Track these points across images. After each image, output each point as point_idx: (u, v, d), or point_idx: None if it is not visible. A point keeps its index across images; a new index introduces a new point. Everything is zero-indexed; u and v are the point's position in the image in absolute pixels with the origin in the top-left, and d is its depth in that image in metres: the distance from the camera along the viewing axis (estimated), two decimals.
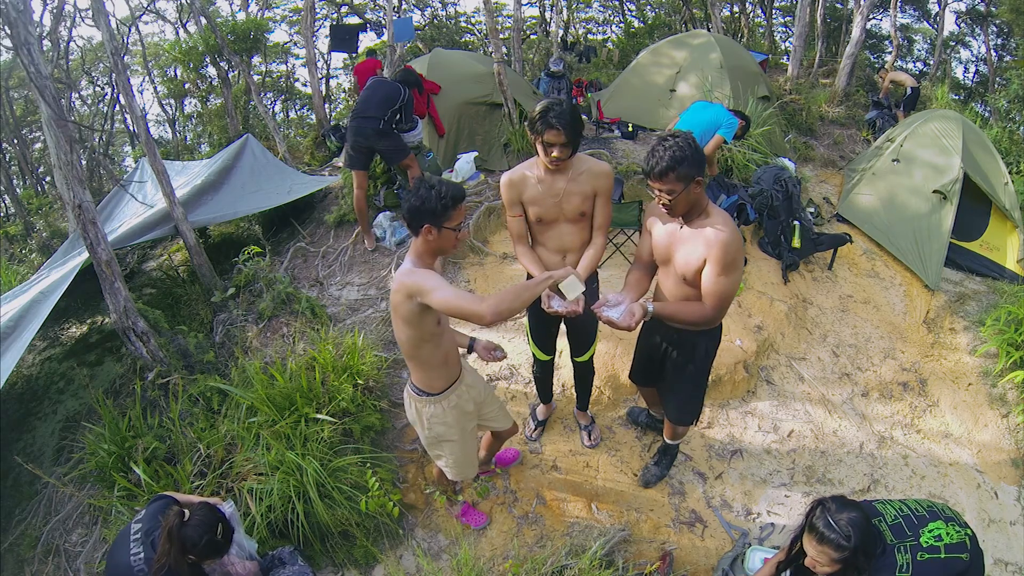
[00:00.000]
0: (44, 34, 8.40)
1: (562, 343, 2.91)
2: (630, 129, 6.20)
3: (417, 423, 2.34)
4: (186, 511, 2.12)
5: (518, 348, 3.75)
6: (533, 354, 2.97)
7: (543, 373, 3.08)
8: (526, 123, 2.36)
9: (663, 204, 2.07)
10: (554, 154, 2.25)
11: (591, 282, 2.65)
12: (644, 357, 2.70)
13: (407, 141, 4.71)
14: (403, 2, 14.06)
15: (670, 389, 2.65)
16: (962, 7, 12.88)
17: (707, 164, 4.46)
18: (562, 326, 2.86)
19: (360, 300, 4.38)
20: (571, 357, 2.95)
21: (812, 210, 5.22)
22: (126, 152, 15.24)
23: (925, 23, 14.33)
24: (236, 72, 9.02)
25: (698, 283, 2.15)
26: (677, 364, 2.49)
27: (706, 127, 4.21)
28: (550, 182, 2.37)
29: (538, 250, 2.57)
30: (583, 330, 2.81)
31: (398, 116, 4.46)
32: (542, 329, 2.83)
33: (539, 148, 2.30)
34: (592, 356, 2.93)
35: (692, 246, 2.12)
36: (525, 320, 2.97)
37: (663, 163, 1.97)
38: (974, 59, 14.14)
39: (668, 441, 2.99)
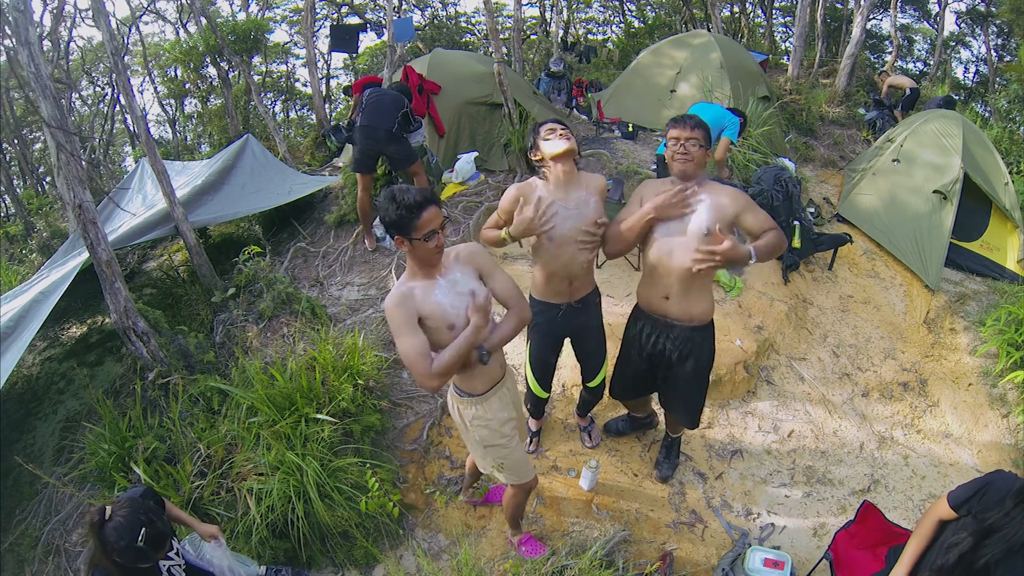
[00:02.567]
0: (44, 34, 8.40)
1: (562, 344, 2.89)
2: (630, 129, 6.20)
3: (460, 424, 2.26)
4: (108, 508, 1.86)
5: (518, 348, 3.74)
6: (529, 388, 2.85)
7: (536, 409, 3.03)
8: (527, 147, 2.40)
9: (682, 154, 2.22)
10: (559, 131, 2.31)
11: (593, 296, 2.64)
12: (642, 368, 2.60)
13: (412, 142, 4.73)
14: (403, 2, 14.06)
15: (680, 390, 2.59)
16: (962, 7, 12.90)
17: (719, 167, 4.49)
18: (565, 352, 2.81)
19: (360, 300, 4.38)
20: (583, 384, 2.93)
21: (812, 210, 5.22)
22: (126, 152, 15.24)
23: (925, 23, 14.35)
24: (236, 72, 9.03)
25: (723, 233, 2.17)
26: (693, 358, 2.45)
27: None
28: (563, 196, 2.34)
29: (545, 279, 2.50)
30: (594, 352, 2.77)
31: (405, 120, 4.52)
32: (545, 360, 2.73)
33: (548, 143, 2.30)
34: (604, 379, 2.89)
35: (714, 201, 2.23)
36: (525, 350, 2.82)
37: (695, 120, 2.24)
38: (974, 59, 14.17)
39: (672, 435, 3.05)
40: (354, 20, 12.52)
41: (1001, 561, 1.72)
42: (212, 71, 9.17)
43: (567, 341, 2.79)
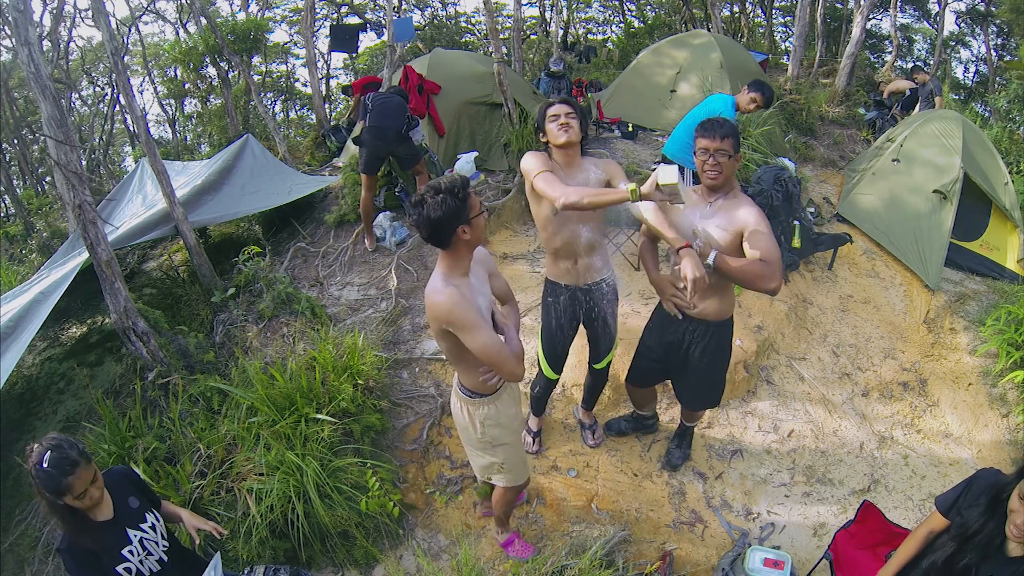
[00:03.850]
0: (44, 34, 8.40)
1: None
2: (630, 129, 6.19)
3: (469, 427, 2.19)
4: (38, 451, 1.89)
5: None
6: (541, 371, 2.88)
7: (544, 393, 3.04)
8: (534, 123, 2.45)
9: (712, 167, 2.24)
10: (562, 120, 2.34)
11: (605, 285, 2.63)
12: (658, 355, 2.71)
13: (414, 140, 4.75)
14: (403, 2, 14.06)
15: (698, 377, 2.68)
16: (962, 7, 12.88)
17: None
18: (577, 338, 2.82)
19: (360, 300, 4.38)
20: (590, 364, 2.93)
21: (812, 210, 5.22)
22: (126, 152, 15.26)
23: (925, 23, 14.34)
24: (236, 72, 9.02)
25: (732, 253, 2.27)
26: (706, 352, 2.56)
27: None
28: (565, 177, 2.39)
29: (553, 256, 2.54)
30: (601, 337, 2.78)
31: (408, 120, 4.56)
32: (559, 345, 2.76)
33: (551, 130, 2.37)
34: (609, 363, 2.91)
35: (727, 218, 2.27)
36: (537, 332, 2.87)
37: (725, 128, 2.22)
38: (974, 59, 14.16)
39: (687, 424, 3.12)
40: (354, 20, 12.52)
41: (981, 564, 1.72)
42: (212, 71, 9.15)
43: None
